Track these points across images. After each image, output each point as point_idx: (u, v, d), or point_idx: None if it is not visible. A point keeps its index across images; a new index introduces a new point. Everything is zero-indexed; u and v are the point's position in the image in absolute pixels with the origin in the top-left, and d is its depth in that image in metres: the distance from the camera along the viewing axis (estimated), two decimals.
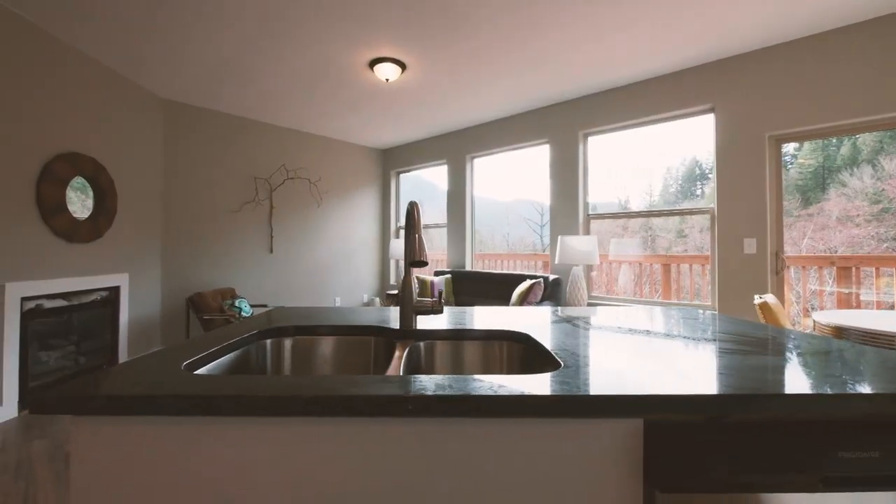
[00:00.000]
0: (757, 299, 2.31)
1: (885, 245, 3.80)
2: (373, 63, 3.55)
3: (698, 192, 5.57)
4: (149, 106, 4.01)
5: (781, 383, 0.69)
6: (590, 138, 4.38)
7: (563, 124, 4.44)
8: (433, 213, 6.45)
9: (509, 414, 0.63)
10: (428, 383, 0.69)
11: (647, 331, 1.13)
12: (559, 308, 1.53)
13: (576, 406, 0.63)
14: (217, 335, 1.07)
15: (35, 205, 2.88)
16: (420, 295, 5.10)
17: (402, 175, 6.60)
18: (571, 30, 3.03)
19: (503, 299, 4.37)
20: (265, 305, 4.80)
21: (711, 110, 3.55)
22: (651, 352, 0.91)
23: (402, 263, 5.81)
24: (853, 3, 2.69)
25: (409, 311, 1.18)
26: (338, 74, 3.80)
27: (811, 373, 0.75)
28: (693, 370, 0.77)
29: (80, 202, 3.27)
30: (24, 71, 2.81)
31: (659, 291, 4.66)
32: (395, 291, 5.77)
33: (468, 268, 5.45)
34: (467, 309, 1.48)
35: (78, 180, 3.23)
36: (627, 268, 4.81)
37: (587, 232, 4.34)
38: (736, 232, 3.37)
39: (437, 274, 5.31)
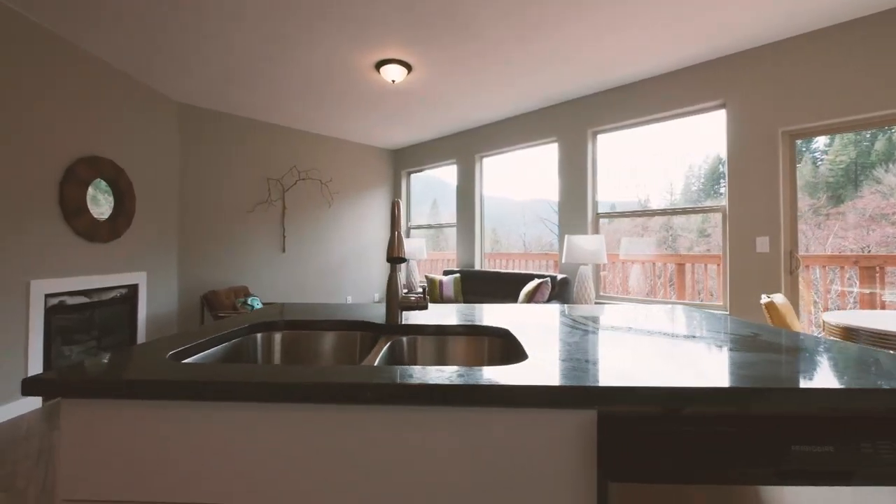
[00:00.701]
0: (764, 299, 2.26)
1: None
2: (379, 65, 3.61)
3: (721, 190, 5.42)
4: (165, 110, 4.15)
5: (737, 377, 0.69)
6: (599, 136, 4.34)
7: (572, 122, 4.41)
8: (448, 212, 6.47)
9: (463, 403, 0.65)
10: (390, 373, 0.71)
11: (629, 328, 1.13)
12: (553, 305, 1.54)
13: (526, 395, 0.65)
14: (208, 329, 1.12)
15: (58, 206, 3.02)
16: (429, 294, 5.13)
17: (413, 175, 6.65)
18: (576, 28, 3.01)
19: (511, 298, 4.36)
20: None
21: (722, 106, 3.47)
22: (622, 346, 0.91)
23: (411, 263, 5.86)
24: None
25: (395, 306, 1.21)
26: (345, 76, 3.87)
27: (769, 367, 0.75)
28: (654, 364, 0.77)
29: (107, 204, 3.45)
30: (47, 78, 2.96)
31: (674, 291, 4.58)
32: (405, 291, 5.83)
33: (477, 267, 5.46)
34: (457, 306, 1.50)
35: (100, 183, 3.38)
36: (639, 268, 4.75)
37: (596, 231, 4.30)
38: (748, 230, 3.30)
39: (446, 273, 5.34)
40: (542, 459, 0.66)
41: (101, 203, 3.39)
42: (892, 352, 1.87)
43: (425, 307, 1.21)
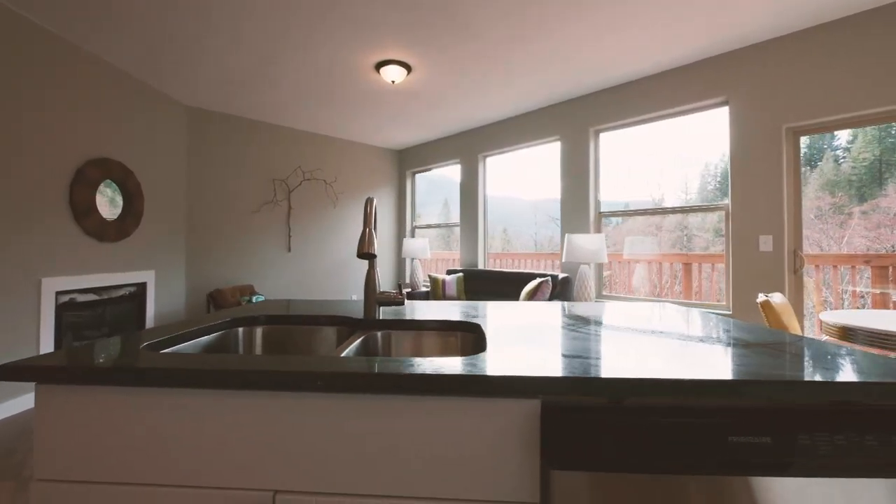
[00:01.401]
0: (761, 297, 2.22)
1: None
2: (379, 66, 3.64)
3: None
4: (174, 113, 4.26)
5: (676, 369, 0.70)
6: (601, 135, 4.31)
7: (574, 121, 4.40)
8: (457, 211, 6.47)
9: (404, 391, 0.68)
10: (344, 363, 0.74)
11: (599, 322, 1.13)
12: (542, 303, 1.55)
13: (468, 385, 0.67)
14: (190, 322, 1.16)
15: (68, 206, 3.13)
16: (432, 293, 5.16)
17: (421, 175, 6.68)
18: (576, 27, 3.00)
19: (513, 298, 4.36)
20: None
21: (725, 103, 3.42)
22: (583, 339, 0.92)
23: (416, 262, 5.89)
24: None
25: (372, 302, 1.23)
26: (347, 78, 3.91)
27: (708, 360, 0.75)
28: (605, 355, 0.78)
29: (119, 203, 3.57)
30: (55, 82, 3.06)
31: (680, 291, 4.53)
32: (407, 290, 5.86)
33: (481, 266, 5.47)
34: (437, 302, 1.52)
35: (111, 184, 3.49)
36: (644, 267, 4.70)
37: (598, 230, 4.27)
38: (751, 229, 3.24)
39: (449, 273, 5.36)
40: (487, 447, 0.68)
41: (118, 204, 3.53)
42: (890, 353, 1.83)
43: (402, 303, 1.24)
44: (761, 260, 3.19)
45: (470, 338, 1.15)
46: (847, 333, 1.92)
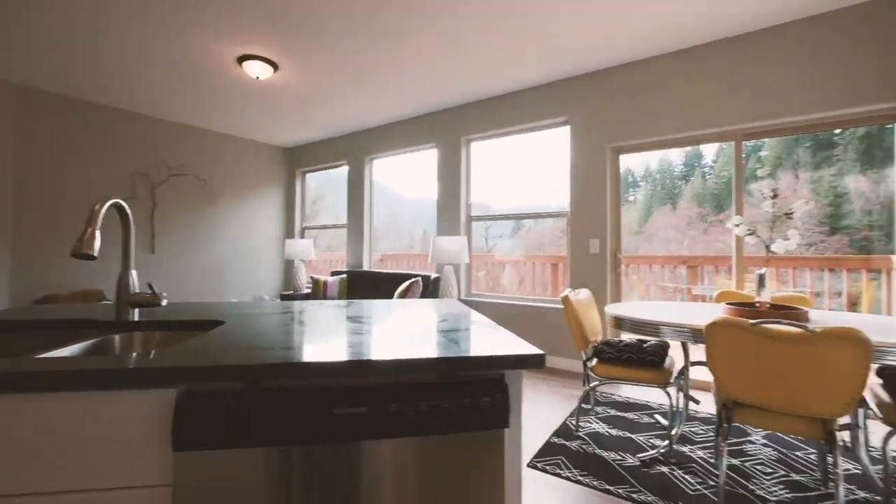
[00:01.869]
0: (563, 293, 2.56)
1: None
2: (241, 59, 3.52)
3: (630, 198, 6.01)
4: None
5: (313, 353, 0.82)
6: (472, 144, 4.61)
7: (448, 130, 4.64)
8: (375, 212, 6.38)
9: (53, 388, 0.71)
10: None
11: (345, 316, 1.25)
12: (344, 301, 1.63)
13: (105, 379, 0.71)
14: None
15: None
16: (314, 294, 5.09)
17: (308, 174, 6.53)
18: (425, 39, 3.18)
19: (391, 297, 4.47)
20: None
21: (567, 122, 3.88)
22: (286, 331, 1.02)
23: (297, 263, 5.74)
24: (682, 30, 3.07)
25: (125, 303, 1.22)
26: (212, 69, 3.72)
27: (363, 343, 0.89)
28: (293, 341, 0.88)
29: None
30: None
31: (547, 290, 5.00)
32: (290, 291, 5.70)
33: (365, 268, 5.51)
34: (197, 303, 1.54)
35: None
36: (511, 268, 5.11)
37: (468, 232, 4.56)
38: (584, 233, 3.71)
39: (333, 274, 5.32)
40: (126, 436, 0.73)
41: None
42: (647, 337, 2.22)
43: (158, 304, 1.24)
44: (591, 260, 3.66)
45: None
46: (618, 322, 2.30)
